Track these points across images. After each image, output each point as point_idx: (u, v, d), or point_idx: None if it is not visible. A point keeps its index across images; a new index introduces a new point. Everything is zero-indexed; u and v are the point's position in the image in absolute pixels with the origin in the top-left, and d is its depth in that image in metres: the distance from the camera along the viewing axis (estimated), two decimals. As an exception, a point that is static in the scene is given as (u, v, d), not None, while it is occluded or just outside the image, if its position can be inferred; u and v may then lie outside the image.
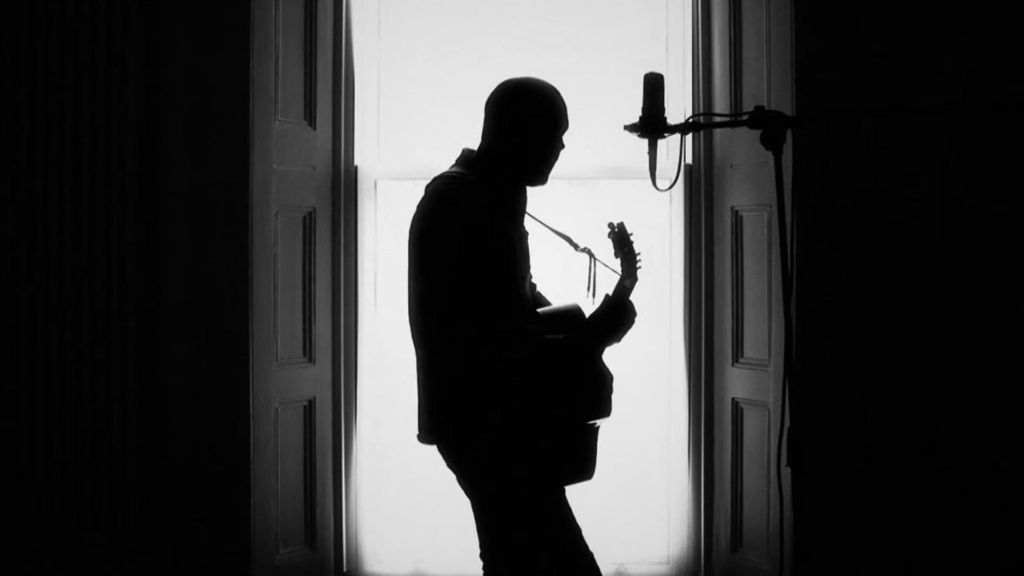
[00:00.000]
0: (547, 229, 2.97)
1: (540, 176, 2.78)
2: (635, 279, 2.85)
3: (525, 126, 2.72)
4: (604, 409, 2.77)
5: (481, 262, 2.58)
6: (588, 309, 2.81)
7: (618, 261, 2.89)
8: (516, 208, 2.75)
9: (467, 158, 2.77)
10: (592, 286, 2.94)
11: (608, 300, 2.77)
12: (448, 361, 2.66)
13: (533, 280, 2.93)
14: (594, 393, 2.75)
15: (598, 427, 2.80)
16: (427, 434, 2.75)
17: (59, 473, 3.62)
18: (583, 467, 2.78)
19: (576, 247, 2.96)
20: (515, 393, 2.63)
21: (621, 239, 2.89)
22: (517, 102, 2.74)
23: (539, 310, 2.77)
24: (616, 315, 2.75)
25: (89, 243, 3.60)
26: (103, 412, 3.61)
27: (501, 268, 2.61)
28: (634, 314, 2.79)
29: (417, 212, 2.72)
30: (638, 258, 2.87)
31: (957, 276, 3.56)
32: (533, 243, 2.86)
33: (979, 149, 3.55)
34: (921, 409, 3.57)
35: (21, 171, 3.60)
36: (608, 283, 2.87)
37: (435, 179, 2.75)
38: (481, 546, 2.81)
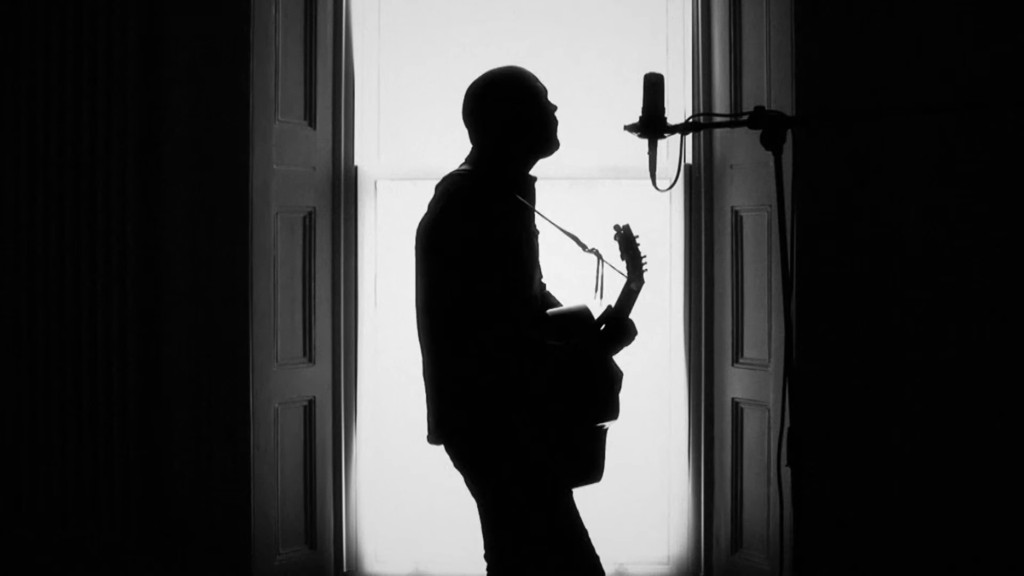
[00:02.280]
0: (555, 228, 2.96)
1: (549, 146, 2.76)
2: (641, 282, 2.84)
3: (508, 116, 2.71)
4: (612, 411, 2.76)
5: (488, 263, 2.58)
6: (596, 311, 2.81)
7: (624, 263, 2.88)
8: (526, 205, 2.75)
9: (476, 156, 2.77)
10: (600, 287, 2.93)
11: (608, 312, 2.77)
12: (455, 363, 2.66)
13: (543, 280, 2.92)
14: (602, 395, 2.75)
15: (606, 429, 2.80)
16: (436, 435, 2.75)
17: (59, 473, 3.62)
18: (591, 469, 2.77)
19: (584, 247, 2.95)
20: (523, 396, 2.63)
21: (627, 241, 2.88)
22: (491, 101, 2.73)
23: (548, 311, 2.77)
24: (616, 329, 2.75)
25: (89, 243, 3.60)
26: (103, 412, 3.61)
27: (508, 269, 2.61)
28: (634, 331, 2.79)
29: (427, 212, 2.72)
30: (644, 261, 2.86)
31: (957, 276, 3.56)
32: (541, 242, 2.85)
33: (979, 149, 3.55)
34: (921, 408, 3.57)
35: (20, 172, 3.60)
36: (616, 284, 2.87)
37: (445, 178, 2.75)
38: (486, 547, 2.81)
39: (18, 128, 3.59)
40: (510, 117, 2.72)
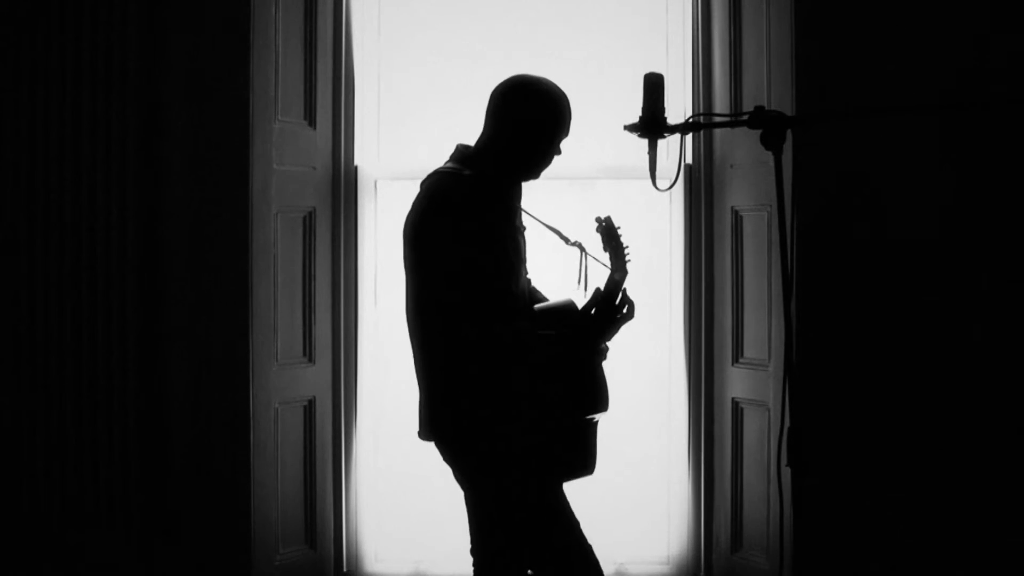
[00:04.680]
0: (539, 223, 2.97)
1: (531, 174, 2.79)
2: (624, 272, 2.84)
3: (528, 125, 2.72)
4: (601, 404, 2.77)
5: (475, 259, 2.59)
6: (580, 303, 2.81)
7: (607, 255, 2.88)
8: (511, 203, 2.76)
9: (462, 153, 2.77)
10: (583, 280, 2.94)
11: (596, 296, 2.77)
12: (444, 358, 2.67)
13: (528, 276, 2.93)
14: (591, 388, 2.75)
15: (597, 422, 2.80)
16: (426, 431, 2.75)
17: (59, 473, 3.62)
18: (583, 462, 2.78)
19: (567, 241, 2.96)
20: (512, 389, 2.63)
21: (609, 233, 2.89)
22: (526, 99, 2.73)
23: (535, 306, 2.77)
24: (605, 312, 2.75)
25: (89, 242, 3.60)
26: (103, 411, 3.61)
27: (495, 264, 2.62)
28: (631, 313, 2.78)
29: (412, 210, 2.73)
30: (626, 251, 2.87)
31: (956, 276, 3.56)
32: (527, 237, 2.86)
33: (979, 149, 3.55)
34: (921, 409, 3.57)
35: (21, 171, 3.60)
36: (600, 277, 2.87)
37: (430, 175, 2.76)
38: (472, 543, 2.81)
39: (18, 128, 3.59)
40: (524, 133, 2.72)
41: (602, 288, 2.79)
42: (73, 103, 3.59)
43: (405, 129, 3.98)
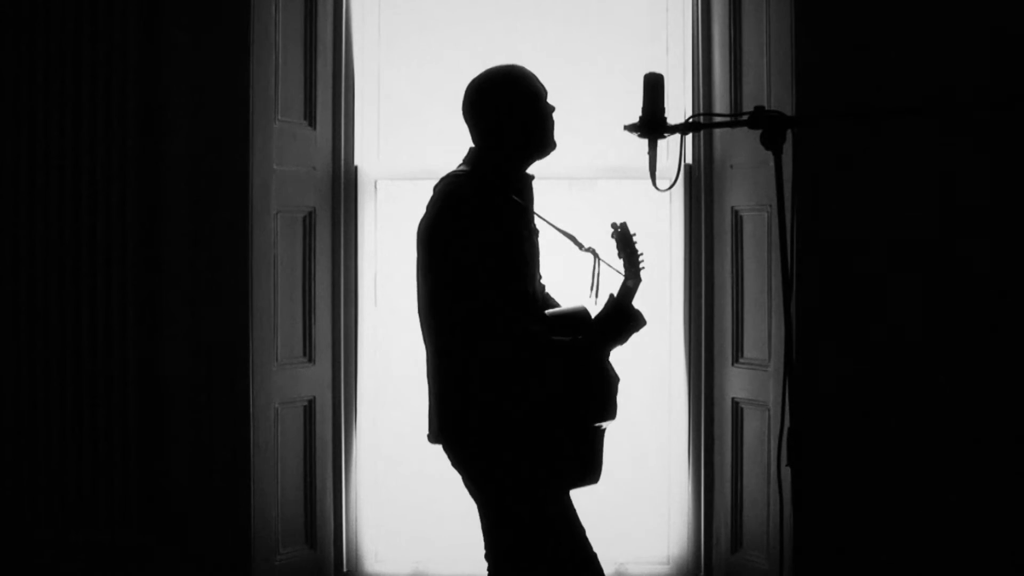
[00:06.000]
0: (552, 228, 2.97)
1: (545, 146, 2.77)
2: (638, 280, 2.84)
3: (510, 115, 2.72)
4: (610, 411, 2.76)
5: (491, 260, 2.58)
6: (591, 310, 2.81)
7: (621, 262, 2.88)
8: (525, 205, 2.75)
9: (474, 156, 2.78)
10: (595, 286, 2.94)
11: (611, 302, 2.77)
12: (455, 362, 2.66)
13: (543, 281, 2.92)
14: (600, 395, 2.75)
15: (604, 429, 2.80)
16: (435, 435, 2.75)
17: (59, 473, 3.62)
18: (589, 470, 2.77)
19: (581, 246, 2.95)
20: (521, 395, 2.63)
21: (624, 239, 2.88)
22: (489, 99, 2.74)
23: (547, 312, 2.77)
24: (619, 318, 2.75)
25: (89, 243, 3.60)
26: (103, 412, 3.61)
27: (511, 266, 2.61)
28: (643, 320, 2.78)
29: (426, 212, 2.72)
30: (641, 259, 2.87)
31: (956, 276, 3.56)
32: (539, 243, 2.86)
33: (978, 149, 3.55)
34: (921, 409, 3.57)
35: (20, 171, 3.60)
36: (611, 284, 2.87)
37: (443, 178, 2.76)
38: (486, 547, 2.81)
39: (18, 127, 3.60)
40: (507, 115, 2.73)
41: (615, 295, 2.79)
42: (73, 103, 3.59)
43: (405, 129, 3.98)
